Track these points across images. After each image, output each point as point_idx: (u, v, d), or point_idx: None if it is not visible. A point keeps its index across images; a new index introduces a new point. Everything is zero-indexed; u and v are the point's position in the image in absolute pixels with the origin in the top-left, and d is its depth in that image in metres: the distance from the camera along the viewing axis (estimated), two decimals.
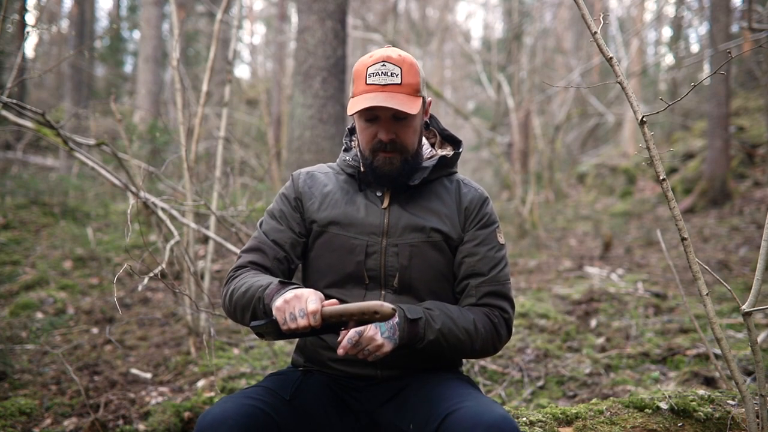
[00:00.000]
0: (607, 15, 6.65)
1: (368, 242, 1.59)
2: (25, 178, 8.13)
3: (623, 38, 13.28)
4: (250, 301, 1.49)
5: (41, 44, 17.76)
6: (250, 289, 1.50)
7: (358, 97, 1.55)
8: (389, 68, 1.53)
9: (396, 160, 1.58)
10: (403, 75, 1.54)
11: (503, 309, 1.61)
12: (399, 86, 1.53)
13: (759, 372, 1.56)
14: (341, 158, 1.73)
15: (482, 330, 1.56)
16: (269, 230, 1.67)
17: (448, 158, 1.69)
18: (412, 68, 1.56)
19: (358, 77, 1.57)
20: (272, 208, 1.72)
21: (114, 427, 2.64)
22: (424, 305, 1.54)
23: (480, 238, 1.64)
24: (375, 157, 1.59)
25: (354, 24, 11.91)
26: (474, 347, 1.56)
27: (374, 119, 1.56)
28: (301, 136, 4.74)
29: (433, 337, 1.49)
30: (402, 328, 1.46)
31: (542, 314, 4.11)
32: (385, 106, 1.50)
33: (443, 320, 1.51)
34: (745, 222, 7.80)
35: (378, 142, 1.57)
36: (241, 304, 1.52)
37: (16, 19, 7.28)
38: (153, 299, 4.71)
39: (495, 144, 11.39)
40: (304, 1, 4.83)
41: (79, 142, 3.18)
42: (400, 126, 1.56)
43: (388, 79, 1.53)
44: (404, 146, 1.58)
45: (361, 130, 1.61)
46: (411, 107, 1.52)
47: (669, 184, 1.54)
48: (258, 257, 1.64)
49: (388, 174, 1.58)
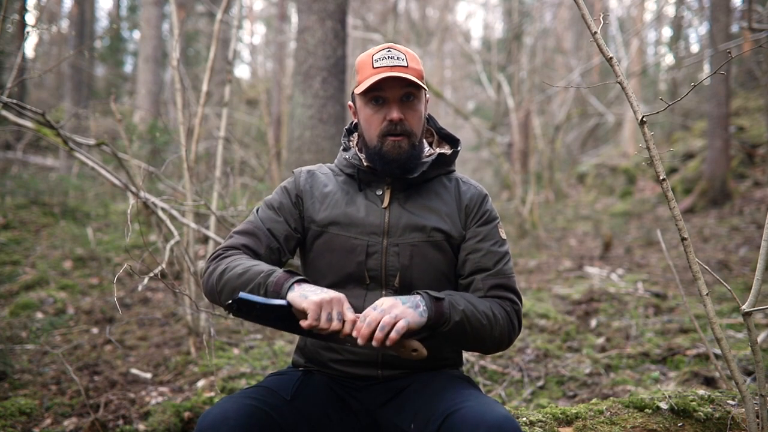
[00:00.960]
0: (607, 15, 6.64)
1: (369, 242, 1.59)
2: (25, 178, 8.13)
3: (623, 38, 13.28)
4: (247, 284, 1.45)
5: (41, 44, 17.77)
6: (248, 272, 1.46)
7: (366, 79, 1.56)
8: (395, 53, 1.57)
9: (404, 143, 1.58)
10: (408, 60, 1.57)
11: (513, 301, 1.59)
12: (406, 68, 1.56)
13: (759, 372, 1.56)
14: (340, 158, 1.72)
15: (499, 316, 1.54)
16: (266, 218, 1.65)
17: (447, 156, 1.69)
18: (415, 58, 1.60)
19: (363, 66, 1.59)
20: (271, 198, 1.70)
21: (114, 427, 2.64)
22: (439, 292, 1.51)
23: (482, 234, 1.63)
24: (384, 142, 1.58)
25: (354, 24, 11.91)
26: (493, 334, 1.52)
27: (383, 102, 1.57)
28: (301, 136, 4.74)
29: (458, 318, 1.45)
30: (426, 303, 1.43)
31: (542, 314, 4.11)
32: (399, 75, 1.52)
33: (465, 303, 1.49)
34: (745, 222, 7.80)
35: (387, 123, 1.57)
36: (232, 284, 1.47)
37: (16, 19, 7.28)
38: (153, 299, 4.71)
39: (495, 144, 11.39)
40: (304, 1, 4.83)
41: (79, 142, 3.18)
42: (407, 108, 1.57)
43: (395, 61, 1.56)
44: (411, 130, 1.58)
45: (367, 118, 1.60)
46: (420, 83, 1.56)
47: (669, 184, 1.54)
48: (251, 242, 1.61)
49: (397, 159, 1.58)
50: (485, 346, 1.55)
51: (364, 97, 1.58)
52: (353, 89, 1.65)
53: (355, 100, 1.66)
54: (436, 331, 1.47)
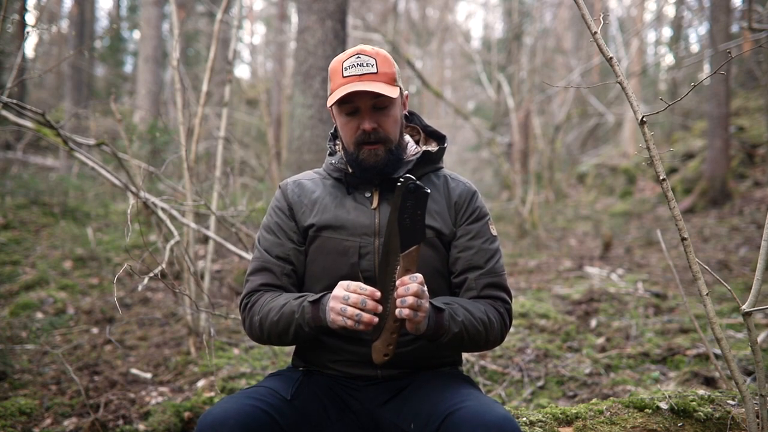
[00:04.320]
0: (607, 15, 6.65)
1: (361, 243, 1.59)
2: (25, 178, 8.12)
3: (623, 38, 13.28)
4: (288, 328, 1.53)
5: (41, 44, 17.76)
6: (281, 316, 1.54)
7: (336, 90, 1.56)
8: (364, 59, 1.56)
9: (380, 151, 1.58)
10: (378, 65, 1.56)
11: (504, 300, 1.63)
12: (375, 75, 1.55)
13: (759, 372, 1.56)
14: (327, 163, 1.73)
15: (494, 320, 1.57)
16: (270, 247, 1.66)
17: (433, 153, 1.69)
18: (387, 60, 1.58)
19: (334, 73, 1.58)
20: (267, 222, 1.70)
21: (114, 427, 2.64)
22: (438, 299, 1.53)
23: (473, 232, 1.64)
24: (360, 151, 1.59)
25: (354, 24, 11.90)
26: (488, 338, 1.56)
27: (355, 112, 1.57)
28: (301, 136, 4.74)
29: (457, 329, 1.49)
30: (429, 315, 1.45)
31: (542, 314, 4.11)
32: (365, 90, 1.51)
33: (463, 313, 1.51)
34: (745, 222, 7.80)
35: (361, 133, 1.57)
36: (277, 332, 1.55)
37: (16, 19, 7.28)
38: (153, 299, 4.71)
39: (495, 144, 11.38)
40: (304, 1, 4.83)
41: (79, 142, 3.18)
42: (380, 115, 1.57)
43: (364, 69, 1.55)
44: (387, 137, 1.58)
45: (342, 126, 1.61)
46: (390, 92, 1.54)
47: (669, 184, 1.54)
48: (267, 277, 1.64)
49: (374, 166, 1.58)
50: (479, 348, 1.60)
51: (337, 107, 1.59)
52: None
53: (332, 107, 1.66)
54: (434, 342, 1.50)
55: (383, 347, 1.43)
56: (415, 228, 1.39)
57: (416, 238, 1.39)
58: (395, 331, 1.42)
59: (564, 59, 16.39)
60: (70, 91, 12.19)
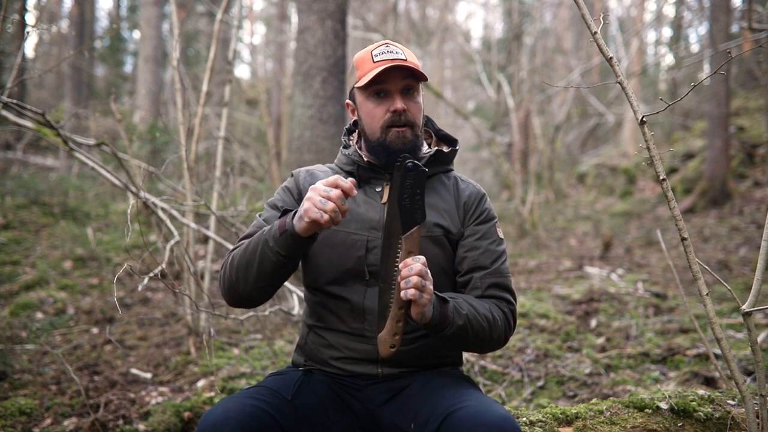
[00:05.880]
0: (607, 15, 6.64)
1: (368, 237, 1.59)
2: (25, 178, 8.12)
3: (623, 38, 13.28)
4: (255, 250, 1.49)
5: (41, 44, 17.75)
6: (249, 243, 1.52)
7: (369, 72, 1.58)
8: (393, 48, 1.61)
9: (408, 134, 1.60)
10: (406, 55, 1.61)
11: (509, 301, 1.62)
12: (405, 61, 1.59)
13: (759, 372, 1.56)
14: (340, 156, 1.74)
15: (498, 319, 1.56)
16: (270, 218, 1.65)
17: (445, 153, 1.71)
18: (412, 54, 1.64)
19: (363, 61, 1.62)
20: (273, 199, 1.71)
21: (114, 427, 2.64)
22: (443, 294, 1.52)
23: (481, 233, 1.65)
24: (388, 133, 1.60)
25: (354, 24, 11.90)
26: (492, 336, 1.55)
27: (385, 95, 1.59)
28: (301, 136, 4.74)
29: (461, 322, 1.47)
30: (433, 304, 1.43)
31: (542, 314, 4.11)
32: (402, 65, 1.55)
33: (468, 307, 1.50)
34: (745, 222, 7.80)
35: (391, 115, 1.59)
36: (244, 259, 1.51)
37: (16, 19, 7.28)
38: (153, 299, 4.71)
39: (495, 144, 11.38)
40: (304, 1, 4.84)
41: (79, 142, 3.18)
42: (409, 99, 1.60)
43: (394, 55, 1.59)
44: (414, 121, 1.61)
45: (369, 111, 1.62)
46: (421, 74, 1.58)
47: (669, 184, 1.54)
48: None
49: (401, 149, 1.59)
50: (483, 348, 1.59)
51: (366, 90, 1.61)
52: (353, 86, 1.67)
53: (355, 97, 1.68)
54: (439, 334, 1.48)
55: (389, 337, 1.41)
56: (414, 208, 1.40)
57: (416, 218, 1.40)
58: (401, 318, 1.40)
59: (564, 59, 16.39)
60: (70, 91, 12.19)
